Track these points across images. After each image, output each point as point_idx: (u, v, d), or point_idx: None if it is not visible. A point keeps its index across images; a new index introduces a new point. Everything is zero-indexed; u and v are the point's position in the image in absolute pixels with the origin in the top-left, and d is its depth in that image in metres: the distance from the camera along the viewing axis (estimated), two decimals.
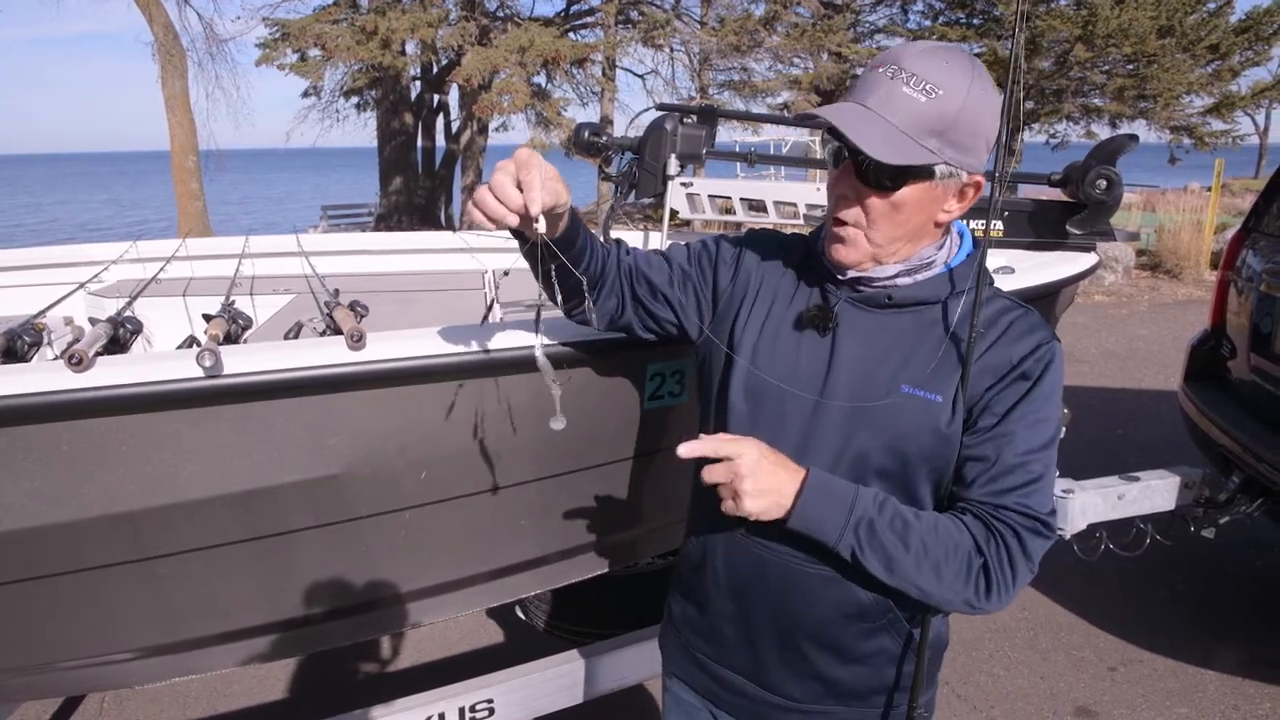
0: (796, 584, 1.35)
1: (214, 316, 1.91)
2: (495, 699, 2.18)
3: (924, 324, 1.31)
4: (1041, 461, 1.26)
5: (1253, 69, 18.77)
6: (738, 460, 1.20)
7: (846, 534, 1.23)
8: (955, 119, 1.18)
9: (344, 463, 1.66)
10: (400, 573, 1.92)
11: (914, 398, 1.27)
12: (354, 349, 1.53)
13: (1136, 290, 11.43)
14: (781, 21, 18.91)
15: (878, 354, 1.30)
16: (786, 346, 1.36)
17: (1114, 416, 6.35)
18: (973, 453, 1.27)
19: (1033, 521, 1.24)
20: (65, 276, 3.26)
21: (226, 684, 3.29)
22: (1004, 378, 1.26)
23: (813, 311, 1.35)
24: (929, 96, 1.16)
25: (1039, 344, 1.27)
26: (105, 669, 1.87)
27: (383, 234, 4.23)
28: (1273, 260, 3.65)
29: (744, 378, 1.38)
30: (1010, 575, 1.24)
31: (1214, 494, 3.53)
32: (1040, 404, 1.26)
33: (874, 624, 1.36)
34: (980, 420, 1.26)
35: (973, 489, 1.27)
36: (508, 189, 1.14)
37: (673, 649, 1.62)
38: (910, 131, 1.17)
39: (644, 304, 1.47)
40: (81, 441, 1.51)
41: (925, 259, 1.31)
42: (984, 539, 1.24)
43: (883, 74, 1.19)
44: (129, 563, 1.69)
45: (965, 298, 1.30)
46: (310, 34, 16.13)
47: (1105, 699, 3.23)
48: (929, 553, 1.22)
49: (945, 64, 1.18)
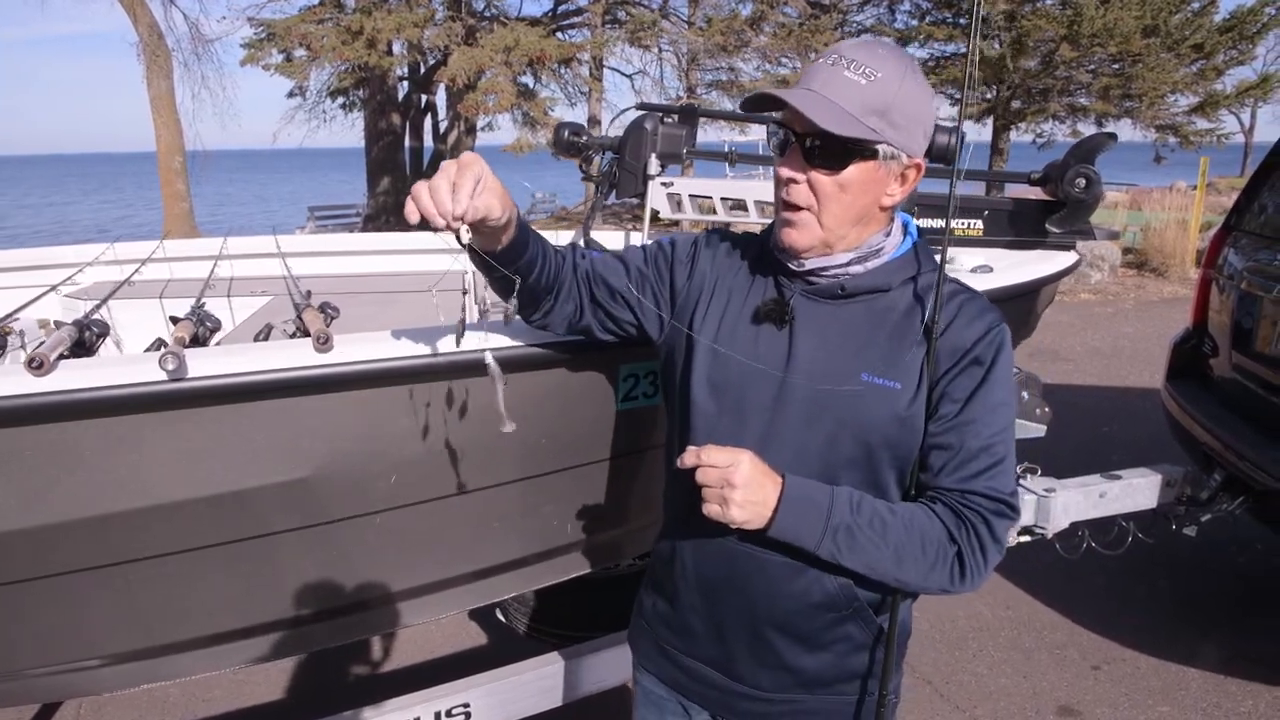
0: (763, 575, 1.37)
1: (181, 319, 1.89)
2: (472, 703, 2.16)
3: (877, 312, 1.35)
4: (1003, 443, 1.32)
5: (1237, 68, 18.91)
6: (733, 470, 1.23)
7: (825, 541, 1.27)
8: (893, 101, 1.24)
9: (313, 466, 1.64)
10: (375, 576, 1.90)
11: (874, 386, 1.30)
12: (321, 351, 1.52)
13: (1122, 288, 11.47)
14: (768, 21, 18.92)
15: (834, 344, 1.34)
16: (744, 341, 1.38)
17: (1099, 415, 6.36)
18: (938, 441, 1.31)
19: (999, 504, 1.30)
20: (42, 279, 3.22)
21: (206, 689, 3.26)
22: (959, 363, 1.31)
23: (769, 305, 1.37)
24: (868, 80, 1.22)
25: (989, 328, 1.32)
26: (75, 676, 1.85)
27: (365, 235, 4.21)
28: (1253, 258, 3.66)
29: (705, 373, 1.40)
30: (982, 559, 1.30)
31: (1196, 492, 3.54)
32: (997, 388, 1.32)
33: (840, 613, 1.39)
34: (941, 408, 1.31)
35: (941, 477, 1.31)
36: (442, 192, 1.15)
37: (643, 643, 1.63)
38: (853, 110, 1.22)
39: (603, 306, 1.48)
40: (44, 446, 1.49)
41: (874, 246, 1.35)
42: (955, 527, 1.29)
43: (824, 63, 1.26)
44: (96, 568, 1.66)
45: (919, 282, 1.36)
46: (295, 34, 16.08)
47: (1088, 698, 3.23)
48: (906, 547, 1.28)
49: (881, 52, 1.26)
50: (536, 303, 1.43)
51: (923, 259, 1.40)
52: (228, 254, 3.32)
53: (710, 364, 1.39)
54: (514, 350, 1.61)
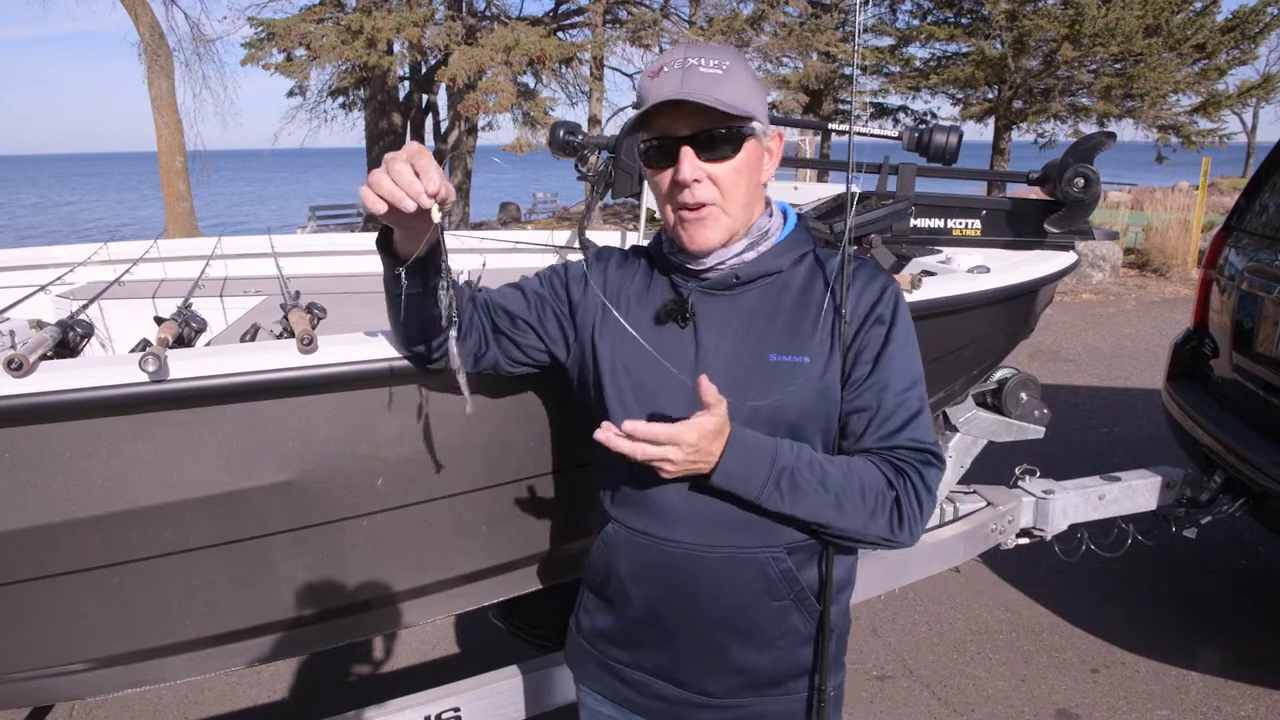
0: (702, 570, 1.37)
1: (165, 320, 1.87)
2: (463, 707, 2.14)
3: (773, 294, 1.39)
4: (917, 395, 1.37)
5: (1239, 68, 18.86)
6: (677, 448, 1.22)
7: (769, 485, 1.28)
8: (745, 84, 1.30)
9: (299, 469, 1.62)
10: (363, 579, 1.88)
11: (783, 364, 1.34)
12: (304, 352, 1.50)
13: (1124, 289, 11.44)
14: (769, 21, 18.89)
15: (738, 332, 1.37)
16: (650, 345, 1.38)
17: (1100, 415, 6.34)
18: (855, 405, 1.35)
19: (925, 454, 1.34)
20: (36, 279, 3.21)
21: (198, 691, 3.24)
22: (863, 325, 1.36)
23: (668, 306, 1.40)
24: (722, 70, 1.28)
25: (883, 288, 1.38)
26: (58, 680, 1.83)
27: (359, 234, 4.19)
28: (1254, 259, 3.64)
29: (617, 383, 1.40)
30: (918, 507, 1.33)
31: (1196, 494, 3.52)
32: (902, 343, 1.37)
33: (783, 600, 1.39)
34: (854, 372, 1.35)
35: (864, 439, 1.35)
36: (406, 175, 1.14)
37: (585, 664, 1.58)
38: (728, 99, 1.26)
39: (507, 335, 1.48)
40: (23, 448, 1.47)
41: (763, 229, 1.40)
42: (893, 475, 1.32)
43: (674, 70, 1.28)
44: (78, 572, 1.64)
45: (809, 258, 1.42)
46: (295, 34, 16.05)
47: (1087, 701, 3.20)
48: (846, 493, 1.30)
49: (714, 48, 1.31)
50: (435, 333, 1.40)
51: (808, 238, 1.45)
52: (221, 254, 3.30)
53: (621, 373, 1.39)
54: None
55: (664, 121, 1.28)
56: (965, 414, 3.14)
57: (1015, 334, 2.91)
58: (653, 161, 1.33)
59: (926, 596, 3.92)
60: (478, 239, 3.51)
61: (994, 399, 3.19)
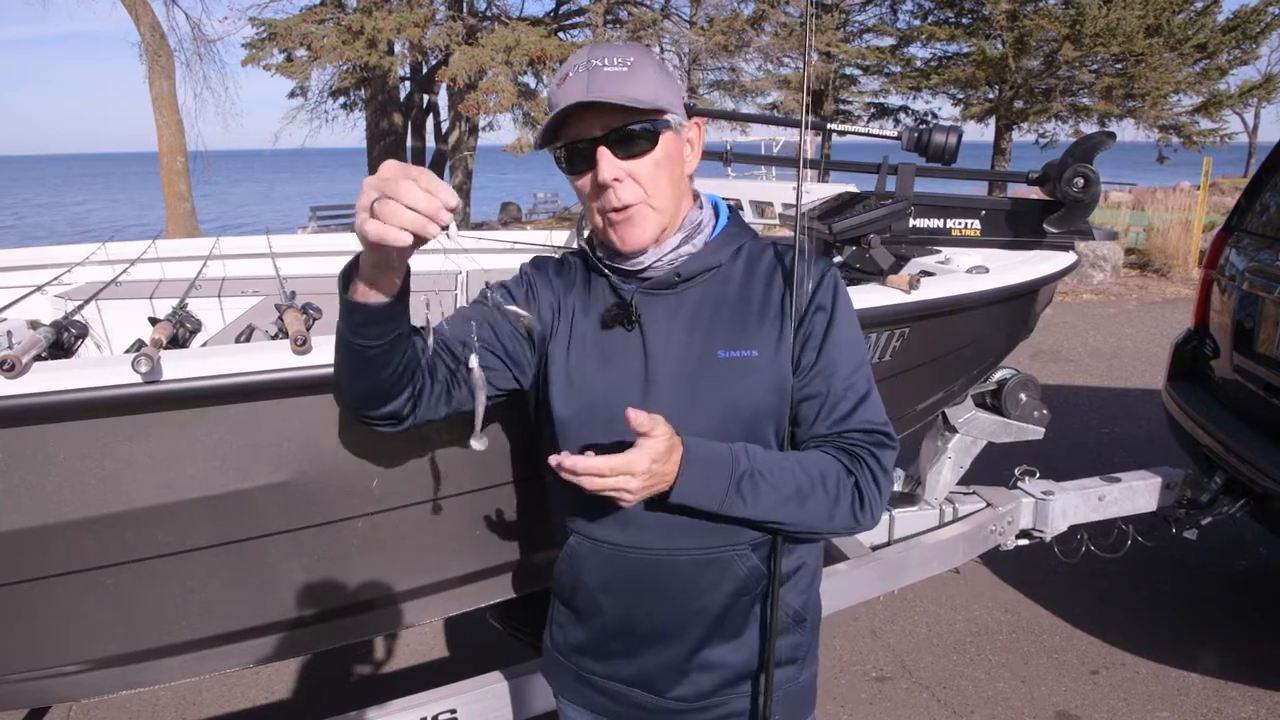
0: (670, 574, 1.36)
1: (160, 321, 1.87)
2: (459, 709, 2.13)
3: (715, 290, 1.38)
4: (864, 376, 1.38)
5: (1240, 68, 18.84)
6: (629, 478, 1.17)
7: (730, 495, 1.26)
8: (653, 78, 1.28)
9: (293, 470, 1.62)
10: (360, 580, 1.88)
11: (731, 359, 1.33)
12: (299, 353, 1.49)
13: (1125, 289, 11.43)
14: (770, 21, 18.87)
15: (685, 330, 1.36)
16: (598, 353, 1.38)
17: (1101, 416, 6.32)
18: (805, 393, 1.35)
19: (878, 436, 1.36)
20: (35, 279, 3.20)
21: (196, 692, 3.23)
22: (806, 313, 1.36)
23: (612, 310, 1.38)
24: (627, 67, 1.27)
25: (822, 274, 1.39)
26: (54, 681, 1.83)
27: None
28: (1255, 259, 3.63)
29: (564, 395, 1.38)
30: (877, 490, 1.34)
31: (1196, 495, 3.52)
32: (845, 327, 1.38)
33: (752, 594, 1.39)
34: (802, 359, 1.35)
35: (816, 425, 1.36)
36: (418, 195, 1.01)
37: (561, 676, 1.56)
38: (635, 95, 1.25)
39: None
40: (16, 449, 1.47)
41: (695, 221, 1.40)
42: (849, 461, 1.33)
43: (578, 76, 1.26)
44: (74, 573, 1.64)
45: (747, 251, 1.42)
46: (296, 34, 16.05)
47: (1086, 702, 3.19)
48: (806, 486, 1.29)
49: (618, 45, 1.30)
50: (405, 386, 1.31)
51: (744, 230, 1.45)
52: (219, 254, 3.30)
53: (571, 386, 1.38)
54: None
55: (577, 126, 1.28)
56: (964, 415, 3.13)
57: (1015, 334, 2.90)
58: (572, 167, 1.31)
59: (926, 597, 3.91)
60: (474, 239, 3.50)
61: (993, 400, 3.18)
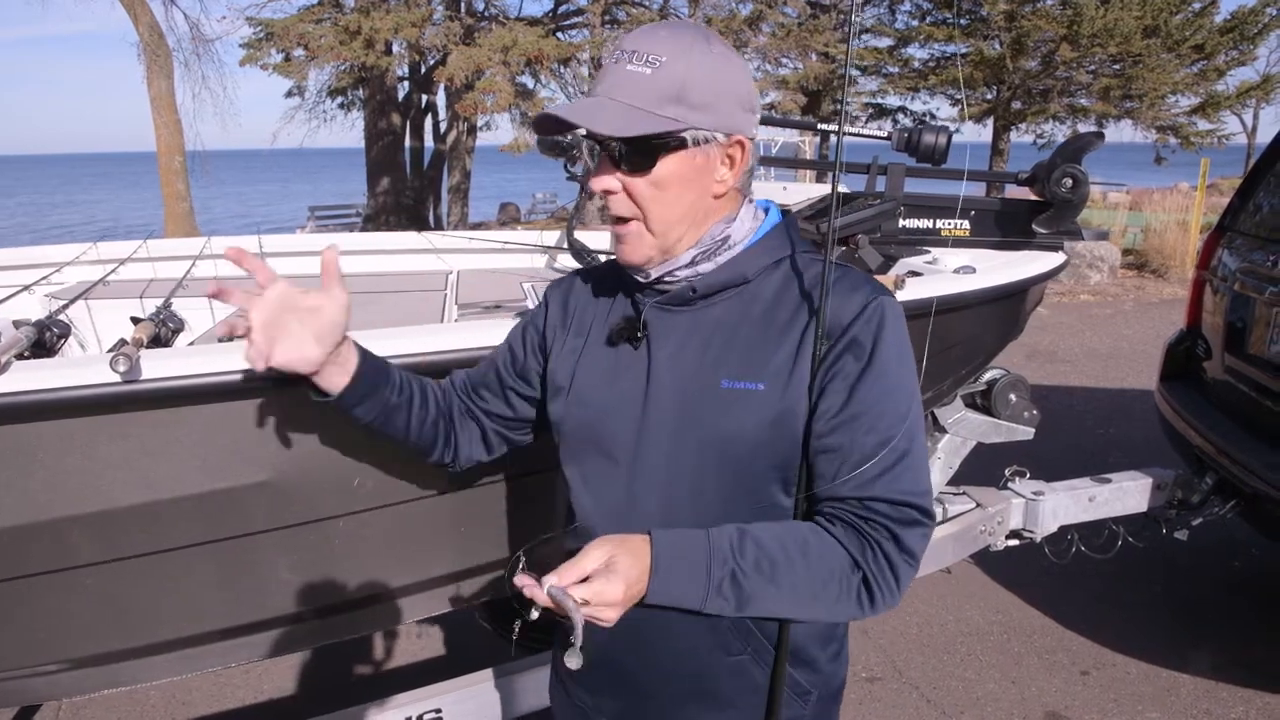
0: (649, 620, 1.14)
1: (142, 320, 1.87)
2: (444, 709, 2.13)
3: (738, 308, 1.21)
4: (904, 436, 1.13)
5: (1238, 69, 18.84)
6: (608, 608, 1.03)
7: (711, 598, 1.08)
8: (685, 82, 1.11)
9: (274, 469, 1.61)
10: (343, 580, 1.88)
11: (734, 391, 1.16)
12: None
13: (1122, 290, 11.44)
14: (767, 21, 18.86)
15: (692, 353, 1.20)
16: (603, 370, 1.28)
17: (1097, 416, 6.33)
18: (825, 444, 1.14)
19: (906, 510, 1.12)
20: (25, 279, 3.20)
21: (185, 691, 3.23)
22: (833, 348, 1.14)
23: (620, 325, 1.26)
24: (653, 67, 1.11)
25: (865, 303, 1.15)
26: (37, 680, 1.82)
27: (350, 234, 4.19)
28: (1247, 260, 3.63)
29: (564, 407, 1.31)
30: (893, 580, 1.13)
31: (1187, 495, 3.52)
32: (888, 372, 1.14)
33: (739, 656, 1.24)
34: (822, 403, 1.14)
35: (835, 486, 1.14)
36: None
37: (559, 698, 1.50)
38: (644, 104, 1.11)
39: (501, 416, 1.46)
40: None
41: (718, 237, 1.21)
42: (859, 550, 1.12)
43: (610, 63, 1.15)
44: (56, 571, 1.64)
45: (784, 266, 1.22)
46: (294, 34, 16.04)
47: (1077, 703, 3.19)
48: (802, 587, 1.11)
49: (664, 33, 1.14)
50: (433, 442, 1.39)
51: (792, 240, 1.25)
52: (209, 254, 3.29)
53: (572, 399, 1.29)
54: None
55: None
56: (954, 415, 3.13)
57: (1004, 334, 2.91)
58: (589, 162, 1.21)
59: (916, 598, 3.91)
60: (465, 239, 3.50)
61: (983, 400, 3.18)
